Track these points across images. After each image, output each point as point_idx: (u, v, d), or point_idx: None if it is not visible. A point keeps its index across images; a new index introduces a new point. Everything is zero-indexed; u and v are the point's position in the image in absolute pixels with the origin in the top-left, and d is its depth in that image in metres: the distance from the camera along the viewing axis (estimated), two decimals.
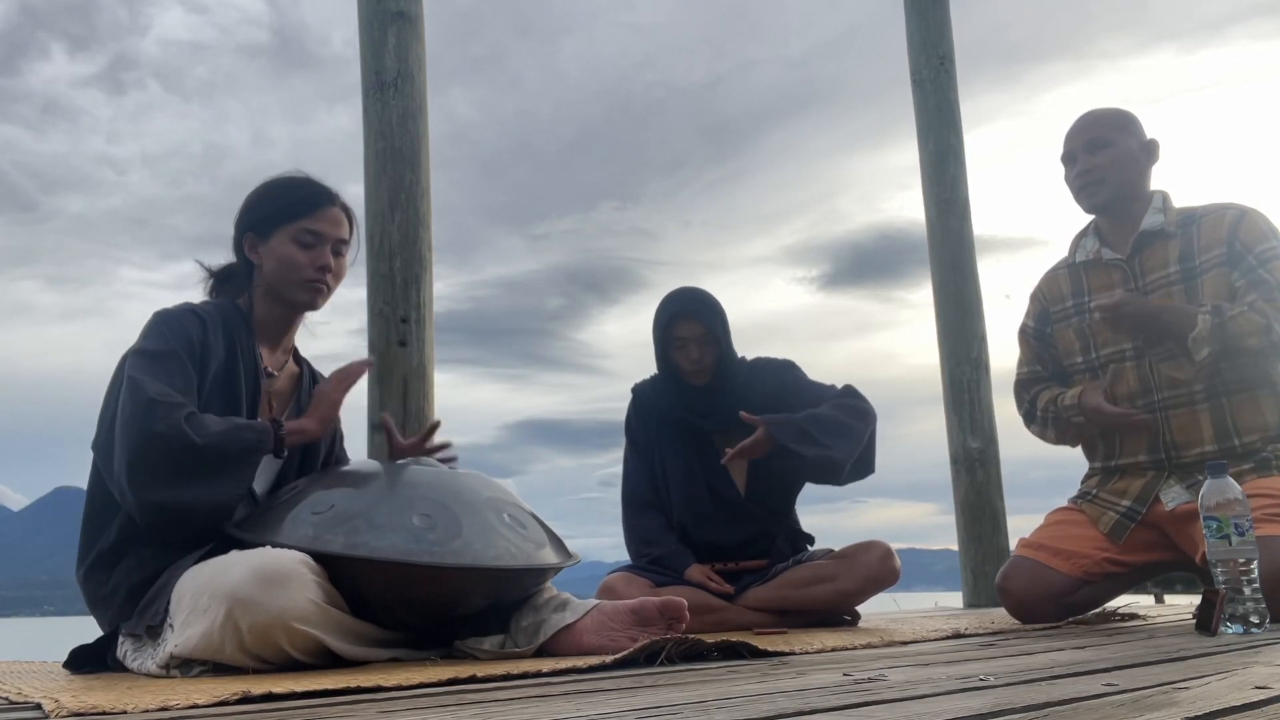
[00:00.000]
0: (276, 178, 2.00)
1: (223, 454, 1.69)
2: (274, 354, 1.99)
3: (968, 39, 5.07)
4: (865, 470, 2.68)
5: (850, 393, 2.71)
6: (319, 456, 2.02)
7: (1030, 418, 2.58)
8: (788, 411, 2.63)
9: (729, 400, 2.70)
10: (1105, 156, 2.40)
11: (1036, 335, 2.61)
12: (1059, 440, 2.55)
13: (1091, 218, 2.53)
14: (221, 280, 2.04)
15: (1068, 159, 2.47)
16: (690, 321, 2.66)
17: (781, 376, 2.77)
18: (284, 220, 1.92)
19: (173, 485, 1.66)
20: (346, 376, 1.93)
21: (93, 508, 1.81)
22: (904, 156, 5.39)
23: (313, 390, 2.04)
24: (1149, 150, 2.43)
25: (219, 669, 1.53)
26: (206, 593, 1.53)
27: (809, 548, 2.79)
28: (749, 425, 2.64)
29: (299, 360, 2.08)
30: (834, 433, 2.57)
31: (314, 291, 1.94)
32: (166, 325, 1.81)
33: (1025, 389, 2.61)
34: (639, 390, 2.86)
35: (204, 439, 1.67)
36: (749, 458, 2.57)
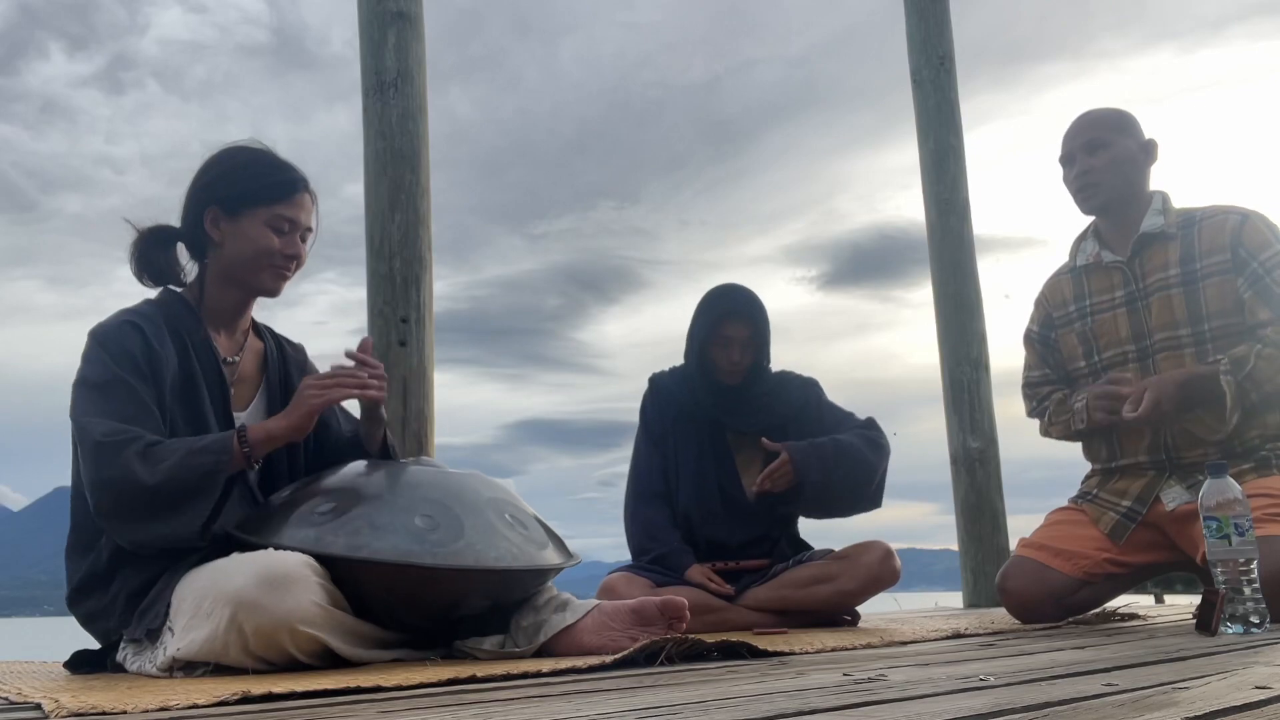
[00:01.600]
0: (243, 150, 1.88)
1: (179, 485, 1.60)
2: (231, 338, 1.90)
3: (968, 39, 5.07)
4: (872, 504, 2.69)
5: (872, 425, 2.73)
6: (326, 434, 1.96)
7: (1042, 419, 2.59)
8: (808, 430, 2.68)
9: (753, 405, 2.73)
10: (1103, 157, 2.39)
11: (1041, 340, 2.62)
12: (1062, 438, 2.56)
13: (1091, 219, 2.52)
14: (152, 244, 1.86)
15: (1066, 160, 2.47)
16: (740, 322, 2.66)
17: (805, 393, 2.79)
18: (259, 202, 1.82)
19: (136, 528, 1.62)
20: (338, 385, 1.76)
21: (78, 531, 1.77)
22: (904, 156, 5.38)
23: (284, 362, 1.96)
24: (1147, 150, 2.43)
25: (220, 669, 1.53)
26: (210, 596, 1.52)
27: (811, 549, 2.80)
28: (765, 431, 2.67)
29: (259, 333, 1.98)
30: (852, 462, 2.60)
31: (279, 278, 1.86)
32: (104, 348, 1.70)
33: (1035, 390, 2.62)
34: (657, 380, 2.86)
35: (156, 475, 1.59)
36: (775, 489, 2.59)
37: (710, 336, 2.69)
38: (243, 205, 1.83)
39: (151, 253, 1.86)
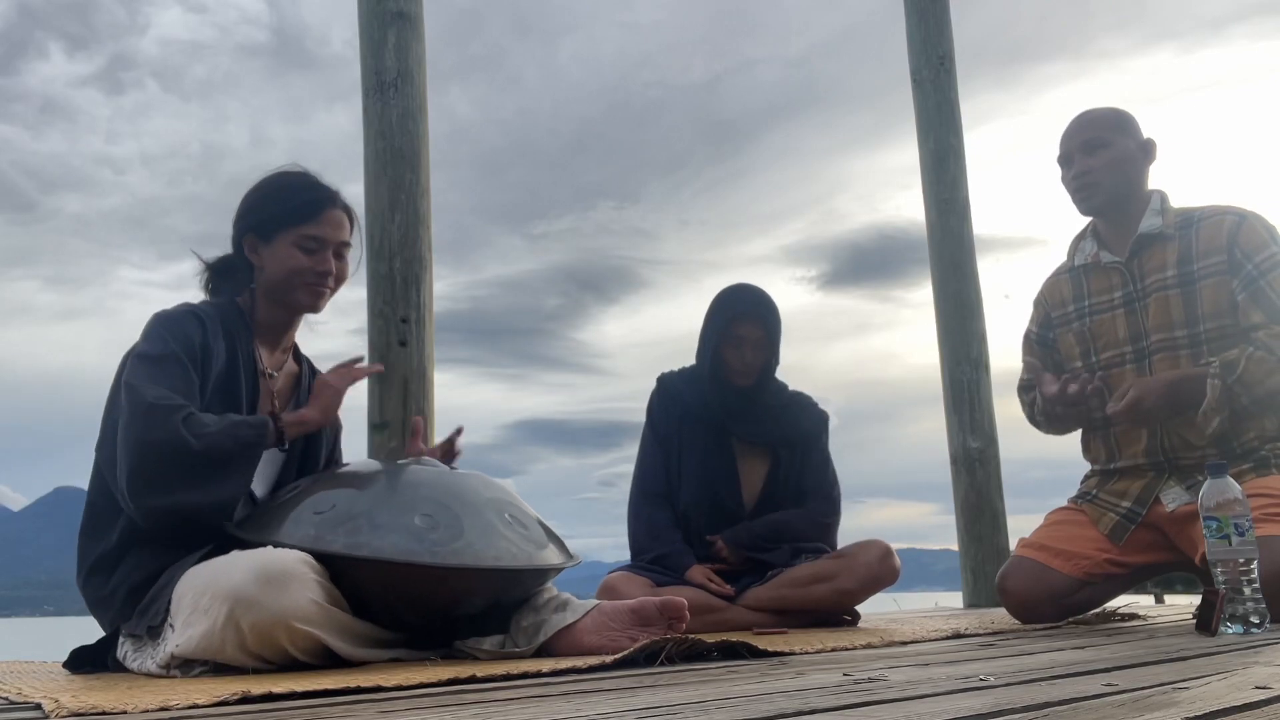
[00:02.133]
0: (277, 176, 1.98)
1: (221, 453, 1.69)
2: (273, 354, 1.99)
3: (968, 39, 5.07)
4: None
5: (827, 498, 2.77)
6: (320, 455, 2.01)
7: (1031, 416, 2.59)
8: (802, 460, 2.76)
9: (761, 415, 2.75)
10: (1102, 158, 2.39)
11: (1040, 341, 2.61)
12: (1050, 428, 2.55)
13: (1089, 219, 2.52)
14: (219, 274, 2.01)
15: (1064, 160, 2.47)
16: (753, 324, 2.68)
17: (814, 425, 2.82)
18: (286, 224, 1.91)
19: (172, 491, 1.66)
20: (353, 371, 1.94)
21: (94, 512, 1.80)
22: (903, 156, 5.38)
23: (312, 386, 2.03)
24: (1146, 150, 2.42)
25: (219, 669, 1.53)
26: (208, 593, 1.52)
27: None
28: (769, 443, 2.73)
29: (298, 358, 2.08)
30: (786, 540, 2.69)
31: (316, 295, 1.95)
32: (166, 327, 1.80)
33: (1027, 394, 2.62)
34: (666, 380, 2.86)
35: (201, 441, 1.66)
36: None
37: (723, 337, 2.69)
38: (273, 229, 1.92)
39: (218, 281, 2.01)
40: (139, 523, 1.70)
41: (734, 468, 2.75)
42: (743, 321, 2.68)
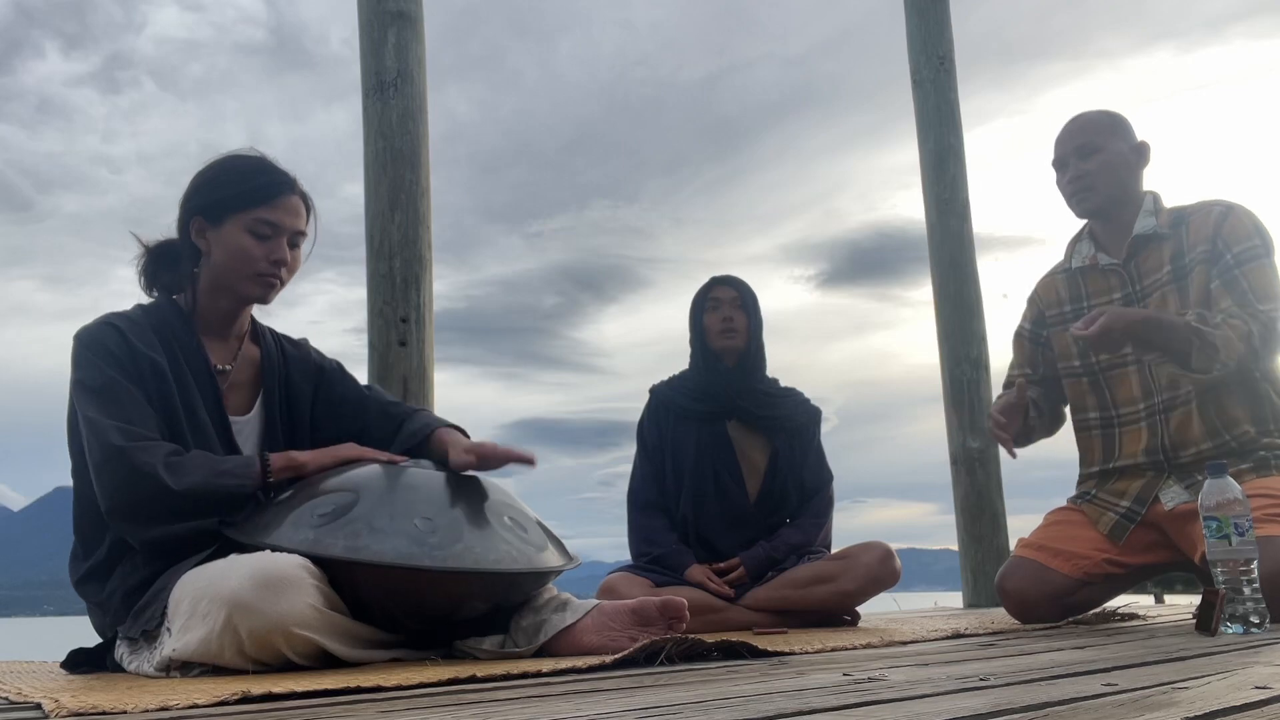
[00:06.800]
0: (231, 158, 1.87)
1: (201, 500, 1.66)
2: (224, 345, 1.89)
3: (968, 39, 5.07)
4: None
5: (827, 501, 2.84)
6: (305, 431, 1.95)
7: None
8: (798, 457, 2.81)
9: (756, 395, 2.80)
10: (1096, 161, 2.40)
11: (1032, 338, 2.61)
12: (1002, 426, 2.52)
13: (1085, 221, 2.53)
14: (158, 260, 1.88)
15: (1059, 164, 2.48)
16: (726, 286, 2.84)
17: (807, 420, 2.87)
18: (239, 208, 1.80)
19: (155, 525, 1.65)
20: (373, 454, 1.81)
21: (83, 522, 1.78)
22: (903, 156, 5.39)
23: (285, 364, 1.95)
24: (1139, 153, 2.43)
25: (218, 669, 1.53)
26: (205, 597, 1.51)
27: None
28: (766, 428, 2.78)
29: (259, 338, 1.96)
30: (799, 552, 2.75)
31: (266, 286, 1.84)
32: (92, 350, 1.72)
33: (1008, 389, 2.61)
34: (655, 390, 2.92)
35: (180, 485, 1.63)
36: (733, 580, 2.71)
37: (702, 303, 2.84)
38: (223, 212, 1.82)
39: (156, 268, 1.89)
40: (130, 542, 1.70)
41: (733, 454, 2.78)
42: (716, 286, 2.85)
